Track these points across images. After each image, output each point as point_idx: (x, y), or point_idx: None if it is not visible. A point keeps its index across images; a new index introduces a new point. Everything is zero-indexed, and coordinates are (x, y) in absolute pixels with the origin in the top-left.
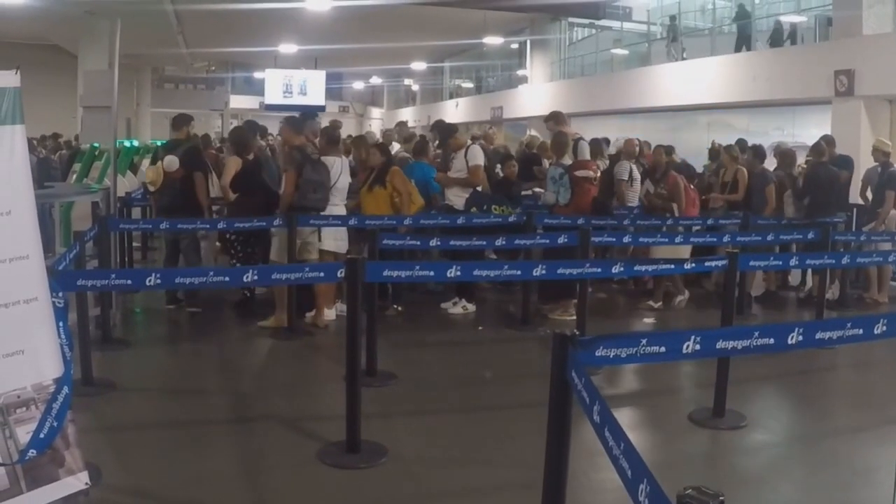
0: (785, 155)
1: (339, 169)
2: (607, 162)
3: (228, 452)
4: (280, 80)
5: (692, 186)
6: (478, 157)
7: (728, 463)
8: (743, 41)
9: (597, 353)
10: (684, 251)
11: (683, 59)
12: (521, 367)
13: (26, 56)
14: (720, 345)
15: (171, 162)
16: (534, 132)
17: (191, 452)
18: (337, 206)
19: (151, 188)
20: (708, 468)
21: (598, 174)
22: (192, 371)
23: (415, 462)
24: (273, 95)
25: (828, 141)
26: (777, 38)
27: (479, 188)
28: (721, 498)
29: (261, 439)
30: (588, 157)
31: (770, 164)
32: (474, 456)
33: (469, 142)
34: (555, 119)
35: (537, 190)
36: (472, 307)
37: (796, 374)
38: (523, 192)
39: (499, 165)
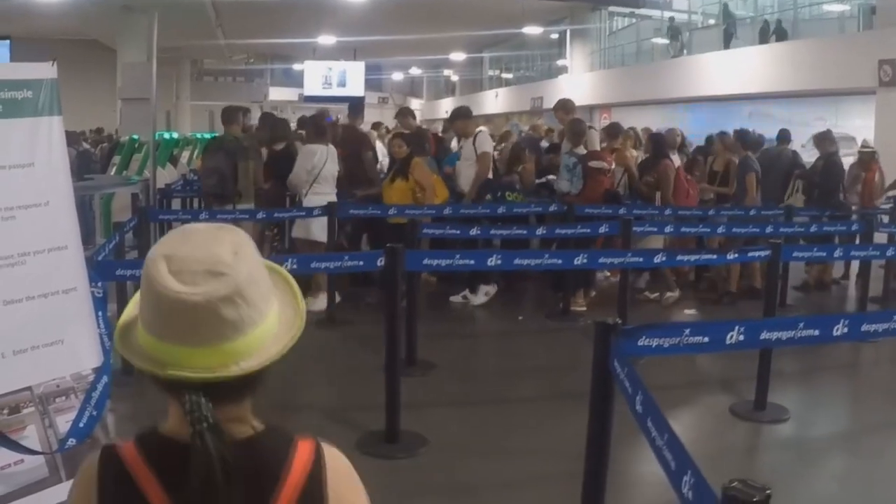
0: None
1: (324, 157)
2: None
3: None
4: (319, 72)
5: (689, 177)
6: (486, 144)
7: (769, 457)
8: (728, 38)
9: (639, 343)
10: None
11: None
12: (562, 357)
13: (66, 51)
14: (764, 336)
15: None
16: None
17: None
18: (319, 196)
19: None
20: (749, 461)
21: (613, 166)
22: None
23: (454, 452)
24: (312, 87)
25: None
26: (764, 34)
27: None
28: (767, 491)
29: (299, 428)
30: (598, 146)
31: (813, 153)
32: (514, 446)
33: (479, 130)
34: (563, 108)
35: (551, 177)
36: (492, 289)
37: (839, 367)
38: (538, 181)
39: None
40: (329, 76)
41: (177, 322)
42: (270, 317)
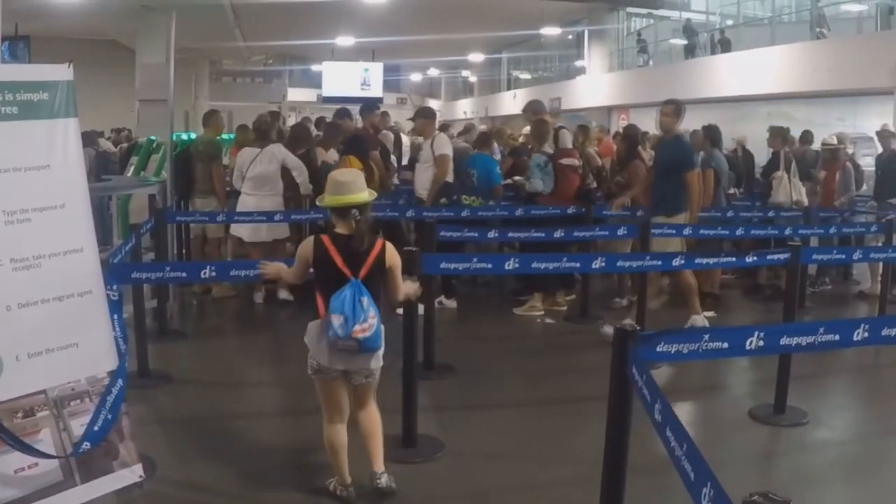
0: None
1: (249, 159)
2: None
3: (283, 445)
4: (337, 73)
5: None
6: (444, 146)
7: (789, 461)
8: (689, 51)
9: (658, 349)
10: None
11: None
12: (580, 361)
13: (85, 51)
14: (784, 341)
15: None
16: (594, 123)
17: (246, 445)
18: (249, 196)
19: None
20: (769, 466)
21: (581, 162)
22: (248, 363)
23: (472, 457)
24: (331, 88)
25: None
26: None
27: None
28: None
29: (316, 432)
30: (570, 145)
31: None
32: (532, 451)
33: (437, 132)
34: (531, 109)
35: (517, 178)
36: (452, 303)
37: (858, 370)
38: (504, 182)
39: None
40: (347, 77)
41: (337, 187)
42: (365, 192)
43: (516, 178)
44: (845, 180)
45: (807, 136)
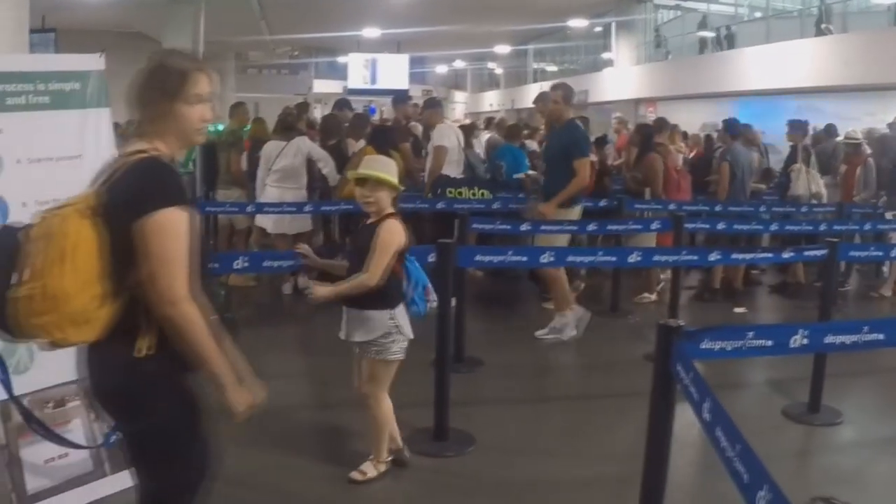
0: (884, 140)
1: (275, 152)
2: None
3: (312, 439)
4: (363, 65)
5: (679, 169)
6: (442, 138)
7: (823, 461)
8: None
9: (702, 346)
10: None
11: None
12: (610, 356)
13: (110, 43)
14: (829, 339)
15: None
16: (618, 114)
17: (273, 438)
18: (274, 188)
19: None
20: (802, 466)
21: (598, 157)
22: (278, 353)
23: (503, 452)
24: (356, 80)
25: None
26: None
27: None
28: None
29: (346, 425)
30: None
31: None
32: (564, 447)
33: (443, 121)
34: (543, 100)
35: (531, 173)
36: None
37: (891, 369)
38: (515, 176)
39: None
40: (373, 69)
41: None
42: (385, 175)
43: (530, 171)
44: (866, 175)
45: (830, 130)
